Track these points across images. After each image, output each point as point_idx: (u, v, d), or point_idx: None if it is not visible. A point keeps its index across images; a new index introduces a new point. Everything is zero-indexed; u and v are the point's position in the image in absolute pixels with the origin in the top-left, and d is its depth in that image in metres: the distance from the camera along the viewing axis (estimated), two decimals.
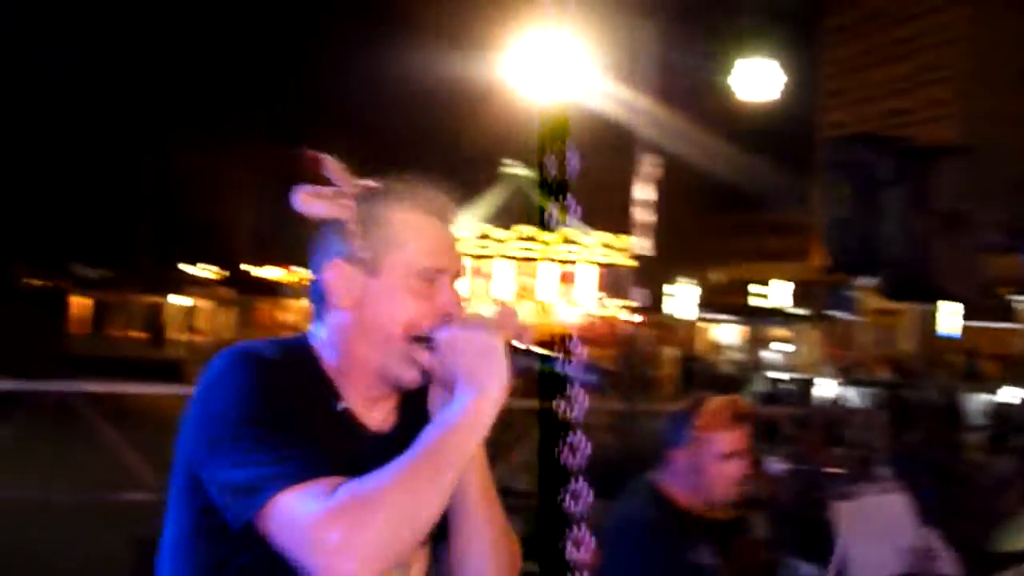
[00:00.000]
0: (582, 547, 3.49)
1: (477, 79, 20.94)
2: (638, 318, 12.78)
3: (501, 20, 14.89)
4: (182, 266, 46.58)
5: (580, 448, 3.50)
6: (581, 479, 3.45)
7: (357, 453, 1.66)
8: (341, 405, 1.74)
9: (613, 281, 30.79)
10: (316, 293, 1.78)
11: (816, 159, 42.28)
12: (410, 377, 1.73)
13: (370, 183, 1.78)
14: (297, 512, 1.49)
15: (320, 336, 1.77)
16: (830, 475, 5.59)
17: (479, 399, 1.62)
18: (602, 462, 3.73)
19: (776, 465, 5.12)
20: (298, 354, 1.74)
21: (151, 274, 39.99)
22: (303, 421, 1.61)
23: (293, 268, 38.30)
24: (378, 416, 1.79)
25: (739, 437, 3.46)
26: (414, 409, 1.79)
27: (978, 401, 17.86)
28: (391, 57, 44.12)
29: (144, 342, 33.09)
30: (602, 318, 29.34)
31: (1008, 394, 19.06)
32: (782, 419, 10.44)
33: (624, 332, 16.06)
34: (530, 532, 3.55)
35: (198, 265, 47.67)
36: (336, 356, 1.75)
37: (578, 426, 3.40)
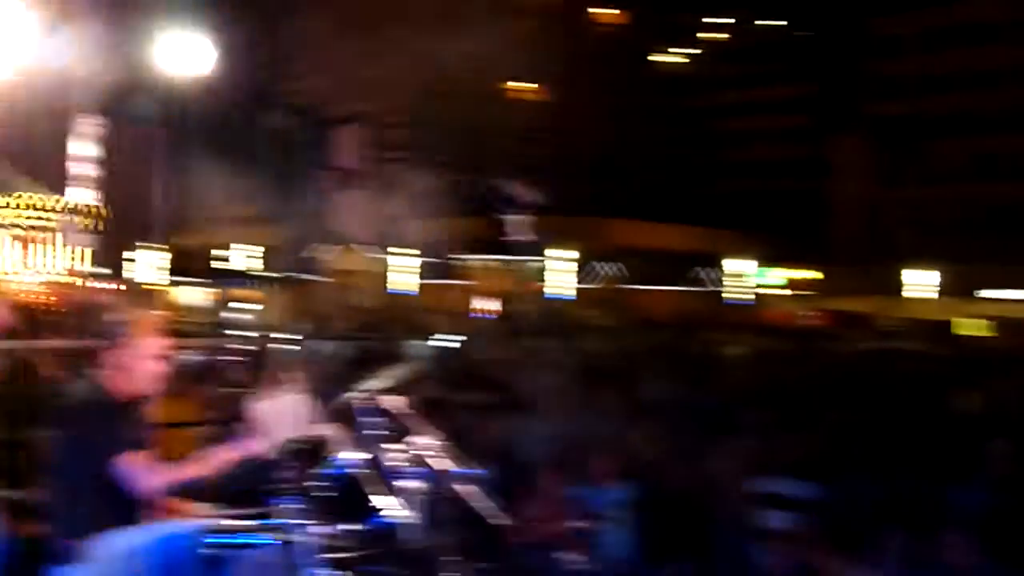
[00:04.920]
0: None
1: None
2: (104, 284, 12.93)
3: None
4: None
5: None
6: None
7: None
8: None
9: (75, 246, 29.71)
10: None
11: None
12: None
13: None
14: None
15: None
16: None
17: None
18: None
19: None
20: None
21: None
22: None
23: None
24: None
25: (158, 344, 4.71)
26: None
27: (424, 348, 19.95)
28: None
29: None
30: (63, 285, 28.27)
31: (448, 341, 21.64)
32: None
33: (85, 298, 16.01)
34: None
35: None
36: None
37: None
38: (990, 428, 9.91)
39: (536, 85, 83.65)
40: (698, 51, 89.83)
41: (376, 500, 4.38)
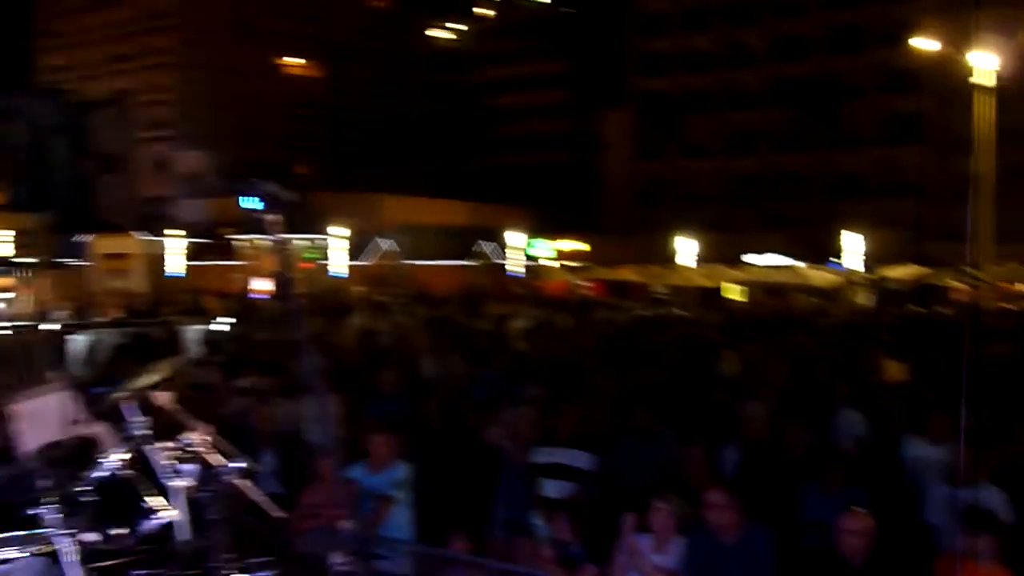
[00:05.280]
0: None
1: None
2: None
3: None
4: None
5: None
6: None
7: None
8: None
9: None
10: None
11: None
12: None
13: None
14: None
15: None
16: None
17: None
18: None
19: None
20: None
21: None
22: None
23: None
24: None
25: None
26: None
27: (197, 331, 19.33)
28: None
29: None
30: None
31: (222, 324, 21.09)
32: None
33: None
34: None
35: None
36: None
37: None
38: (746, 390, 10.48)
39: (308, 61, 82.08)
40: (467, 27, 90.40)
41: (147, 501, 4.19)
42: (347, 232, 48.65)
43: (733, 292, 41.38)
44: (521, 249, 55.11)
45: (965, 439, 7.59)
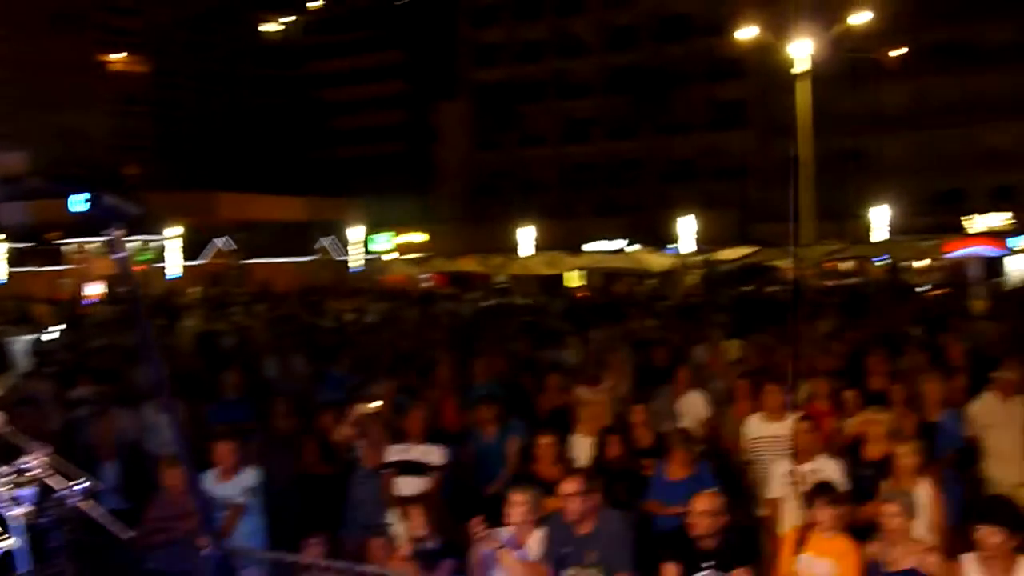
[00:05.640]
0: None
1: None
2: None
3: None
4: None
5: None
6: None
7: None
8: None
9: None
10: None
11: None
12: None
13: None
14: None
15: None
16: None
17: None
18: None
19: None
20: None
21: None
22: None
23: None
24: None
25: None
26: None
27: (25, 342, 18.47)
28: None
29: None
30: None
31: (49, 332, 20.20)
32: None
33: None
34: None
35: None
36: None
37: None
38: (591, 377, 10.65)
39: (132, 55, 79.18)
40: (295, 19, 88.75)
41: None
42: (181, 232, 47.17)
43: (574, 279, 42.02)
44: (361, 243, 54.58)
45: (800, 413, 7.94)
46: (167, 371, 11.45)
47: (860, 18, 32.94)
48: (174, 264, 46.77)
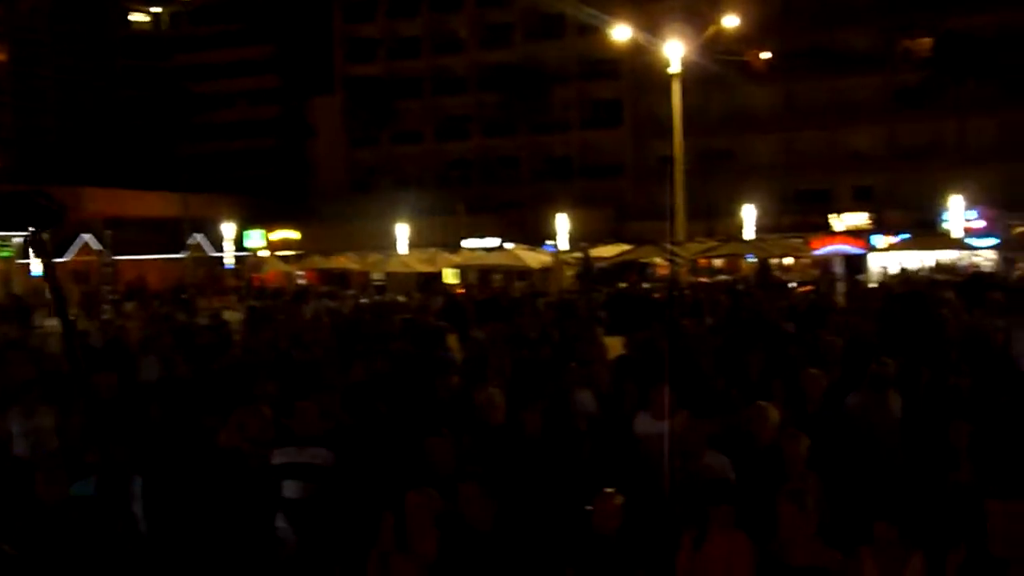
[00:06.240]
0: None
1: None
2: None
3: None
4: None
5: None
6: None
7: None
8: None
9: None
10: None
11: None
12: None
13: None
14: None
15: None
16: None
17: None
18: None
19: None
20: None
21: None
22: None
23: None
24: None
25: None
26: None
27: None
28: None
29: None
30: None
31: None
32: None
33: None
34: None
35: None
36: None
37: None
38: (476, 375, 10.60)
39: None
40: (165, 9, 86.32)
41: None
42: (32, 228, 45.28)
43: (452, 277, 41.96)
44: (234, 240, 53.46)
45: (686, 410, 8.04)
46: (31, 374, 10.92)
47: (730, 21, 33.63)
48: (38, 261, 45.08)
